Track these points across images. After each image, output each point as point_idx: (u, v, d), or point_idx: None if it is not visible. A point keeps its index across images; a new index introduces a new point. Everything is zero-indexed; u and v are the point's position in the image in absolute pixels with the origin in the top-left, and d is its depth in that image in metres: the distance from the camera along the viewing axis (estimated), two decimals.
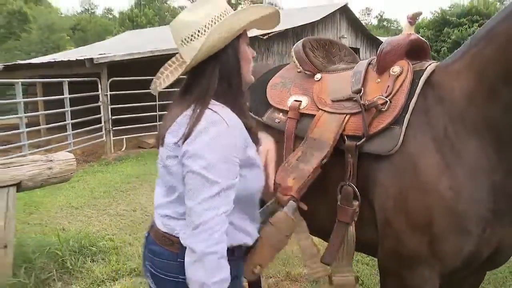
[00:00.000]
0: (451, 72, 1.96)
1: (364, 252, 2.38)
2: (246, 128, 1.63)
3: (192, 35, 1.58)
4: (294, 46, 2.60)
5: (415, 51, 2.21)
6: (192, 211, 1.47)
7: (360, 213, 2.06)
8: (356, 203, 2.05)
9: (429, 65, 2.09)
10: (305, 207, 2.05)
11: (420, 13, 2.29)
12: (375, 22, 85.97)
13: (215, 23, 1.56)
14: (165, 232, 1.63)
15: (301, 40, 2.62)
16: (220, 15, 1.59)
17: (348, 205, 2.06)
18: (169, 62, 1.69)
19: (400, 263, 1.96)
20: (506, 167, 1.80)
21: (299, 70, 2.52)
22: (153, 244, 1.68)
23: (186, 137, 1.49)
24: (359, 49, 23.58)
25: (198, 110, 1.52)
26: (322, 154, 2.09)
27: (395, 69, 2.11)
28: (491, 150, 1.80)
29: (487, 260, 1.97)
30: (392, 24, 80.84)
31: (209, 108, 1.53)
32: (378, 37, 26.96)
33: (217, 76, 1.57)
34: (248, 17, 1.62)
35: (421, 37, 2.30)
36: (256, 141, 1.71)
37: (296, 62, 2.53)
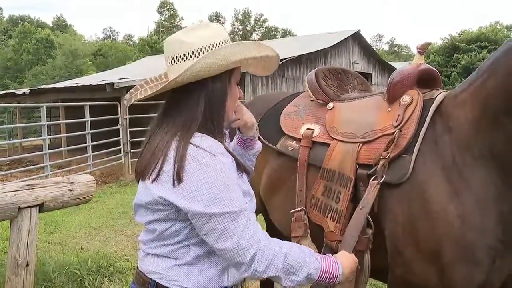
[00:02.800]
0: (458, 101, 1.99)
1: (376, 278, 2.41)
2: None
3: (184, 55, 1.49)
4: (307, 76, 2.69)
5: (425, 80, 2.27)
6: (236, 249, 1.39)
7: (373, 241, 2.10)
8: (370, 231, 2.08)
9: (439, 94, 2.13)
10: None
11: (429, 43, 2.34)
12: (386, 47, 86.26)
13: (211, 49, 1.48)
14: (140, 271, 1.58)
15: (315, 70, 2.71)
16: (219, 43, 1.50)
17: (362, 233, 2.08)
18: (151, 77, 1.61)
19: None
20: None
21: (312, 99, 2.60)
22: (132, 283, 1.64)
23: (177, 180, 1.38)
24: (371, 74, 23.73)
25: (181, 146, 1.41)
26: (348, 191, 2.15)
27: (405, 98, 2.16)
28: (498, 179, 1.82)
29: None
30: (403, 50, 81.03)
31: (191, 143, 1.42)
32: (389, 62, 27.17)
33: (202, 106, 1.47)
34: (248, 53, 1.52)
35: (431, 67, 2.35)
36: (243, 169, 1.62)
37: (309, 91, 2.62)
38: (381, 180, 2.02)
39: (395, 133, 2.06)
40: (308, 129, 2.48)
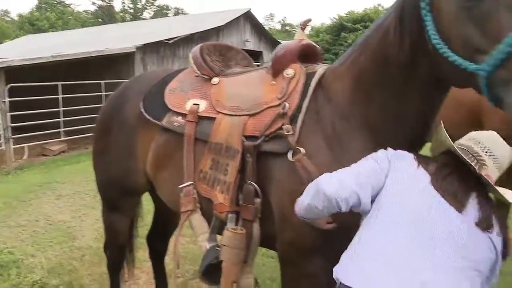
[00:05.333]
0: (336, 75, 2.10)
1: (265, 247, 2.46)
2: None
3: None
4: (192, 51, 2.67)
5: (307, 55, 2.36)
6: None
7: (262, 210, 2.17)
8: (258, 200, 2.15)
9: (320, 67, 2.23)
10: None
11: (309, 20, 2.44)
12: (278, 26, 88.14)
13: None
14: None
15: (199, 45, 2.70)
16: None
17: (250, 203, 2.16)
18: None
19: (298, 253, 2.07)
20: None
21: (197, 74, 2.59)
22: None
23: None
24: (262, 52, 24.15)
25: None
26: (236, 163, 2.18)
27: (289, 71, 2.22)
28: (371, 146, 1.94)
29: None
30: (294, 29, 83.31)
31: None
32: (280, 41, 27.81)
33: None
34: None
35: (312, 42, 2.45)
36: None
37: (194, 66, 2.60)
38: (267, 150, 2.10)
39: (281, 104, 2.13)
40: (194, 104, 2.47)
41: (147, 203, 3.57)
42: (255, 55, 22.07)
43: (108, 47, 15.57)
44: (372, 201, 1.66)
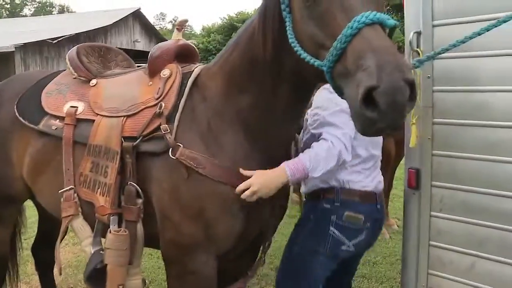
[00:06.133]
0: (211, 74, 2.19)
1: (151, 247, 2.48)
2: None
3: None
4: (68, 53, 2.62)
5: (184, 55, 2.42)
6: None
7: (145, 211, 2.19)
8: (139, 201, 2.17)
9: (196, 67, 2.29)
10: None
11: (186, 20, 2.52)
12: (169, 26, 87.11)
13: None
14: None
15: (75, 47, 2.65)
16: None
17: (132, 204, 2.17)
18: None
19: (180, 251, 2.13)
20: (259, 156, 2.09)
21: (74, 76, 2.55)
22: None
23: None
24: None
25: None
26: (115, 165, 2.18)
27: (165, 72, 2.27)
28: (245, 141, 2.07)
29: (256, 240, 2.30)
30: (186, 29, 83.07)
31: None
32: None
33: None
34: None
35: (189, 42, 2.52)
36: None
37: (71, 68, 2.56)
38: (146, 150, 2.13)
39: (157, 104, 2.17)
40: (71, 106, 2.42)
41: (36, 213, 3.39)
42: (146, 56, 21.70)
43: None
44: None
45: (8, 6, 74.34)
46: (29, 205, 3.14)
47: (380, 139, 2.41)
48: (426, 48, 2.34)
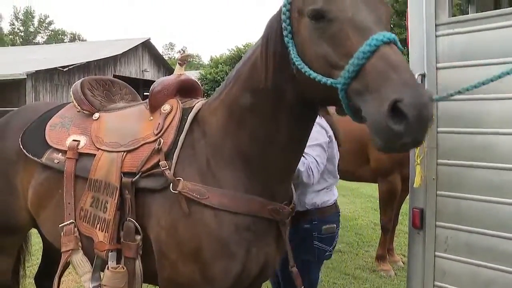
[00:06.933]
0: (211, 108, 2.18)
1: (150, 283, 2.44)
2: None
3: None
4: (73, 86, 2.63)
5: (185, 90, 2.42)
6: None
7: (144, 247, 2.16)
8: (138, 237, 2.14)
9: (197, 102, 2.29)
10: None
11: (188, 55, 2.54)
12: (178, 56, 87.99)
13: None
14: None
15: (80, 80, 2.67)
16: None
17: (131, 240, 2.14)
18: None
19: None
20: (259, 191, 2.06)
21: (78, 109, 2.56)
22: None
23: None
24: None
25: None
26: (115, 200, 2.17)
27: (166, 107, 2.26)
28: (245, 176, 2.04)
29: (259, 275, 2.21)
30: (194, 59, 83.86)
31: None
32: None
33: None
34: None
35: (191, 77, 2.52)
36: None
37: (75, 102, 2.57)
38: (145, 186, 2.12)
39: (156, 140, 2.16)
40: (74, 140, 2.43)
41: (40, 240, 3.36)
42: None
43: None
44: None
45: (22, 34, 75.89)
46: (33, 232, 3.11)
47: (335, 168, 2.92)
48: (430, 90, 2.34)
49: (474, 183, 2.28)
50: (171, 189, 2.02)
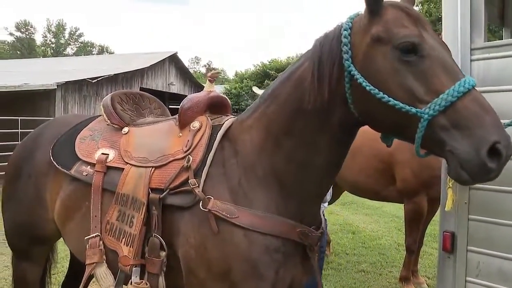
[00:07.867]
0: (245, 127, 2.15)
1: None
2: None
3: None
4: (103, 100, 2.66)
5: (215, 107, 2.42)
6: None
7: (168, 263, 2.15)
8: (163, 253, 2.13)
9: (227, 120, 2.27)
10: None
11: (218, 72, 2.54)
12: (203, 70, 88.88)
13: None
14: None
15: (111, 94, 2.69)
16: None
17: (155, 256, 2.14)
18: None
19: None
20: (290, 213, 2.03)
21: (107, 123, 2.58)
22: None
23: None
24: (187, 96, 24.27)
25: None
26: (141, 215, 2.17)
27: (195, 124, 2.26)
28: (278, 197, 2.02)
29: None
30: (219, 74, 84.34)
31: None
32: (205, 85, 28.11)
33: None
34: None
35: (221, 94, 2.52)
36: None
37: (105, 115, 2.60)
38: (172, 204, 2.10)
39: (185, 157, 2.15)
40: (102, 153, 2.44)
41: (66, 248, 3.36)
42: (180, 98, 22.21)
43: (26, 83, 15.00)
44: None
45: (54, 45, 77.78)
46: (59, 240, 3.13)
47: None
48: None
49: (507, 208, 2.22)
50: (200, 207, 2.01)
